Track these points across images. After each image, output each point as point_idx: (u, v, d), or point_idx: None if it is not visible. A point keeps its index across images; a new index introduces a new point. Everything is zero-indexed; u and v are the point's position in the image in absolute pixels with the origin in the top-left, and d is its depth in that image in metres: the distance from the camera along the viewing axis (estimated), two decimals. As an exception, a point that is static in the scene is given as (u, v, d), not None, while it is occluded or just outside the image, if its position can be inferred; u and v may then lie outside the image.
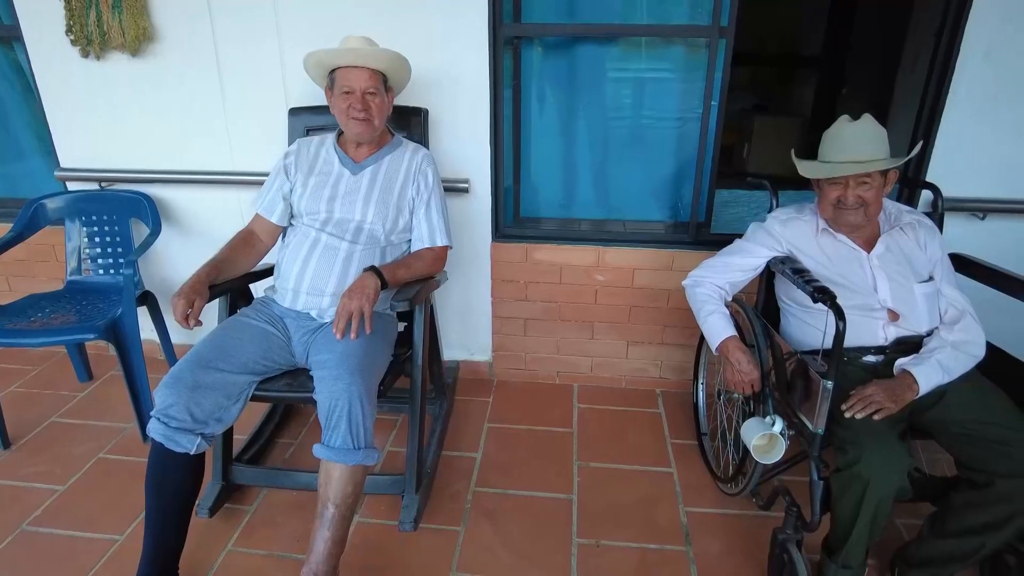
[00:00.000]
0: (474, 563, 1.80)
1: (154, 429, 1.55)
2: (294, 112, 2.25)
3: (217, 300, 1.86)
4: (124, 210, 2.53)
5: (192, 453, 1.56)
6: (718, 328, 1.77)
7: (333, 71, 1.87)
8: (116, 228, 2.53)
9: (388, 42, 1.91)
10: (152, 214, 2.49)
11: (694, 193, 2.38)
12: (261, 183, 2.00)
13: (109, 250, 2.53)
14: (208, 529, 1.90)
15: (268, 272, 2.03)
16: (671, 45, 2.33)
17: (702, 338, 2.28)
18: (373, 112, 1.86)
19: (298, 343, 1.82)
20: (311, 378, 1.68)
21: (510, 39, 2.29)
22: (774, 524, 1.69)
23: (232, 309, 1.94)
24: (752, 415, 1.75)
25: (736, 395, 1.93)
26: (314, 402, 1.62)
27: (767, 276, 1.94)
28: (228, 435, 2.01)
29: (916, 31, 2.69)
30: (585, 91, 2.44)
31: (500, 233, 2.50)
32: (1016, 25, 2.04)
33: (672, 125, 2.45)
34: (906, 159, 1.61)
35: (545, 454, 2.26)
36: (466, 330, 2.68)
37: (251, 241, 1.96)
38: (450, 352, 2.71)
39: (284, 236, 2.00)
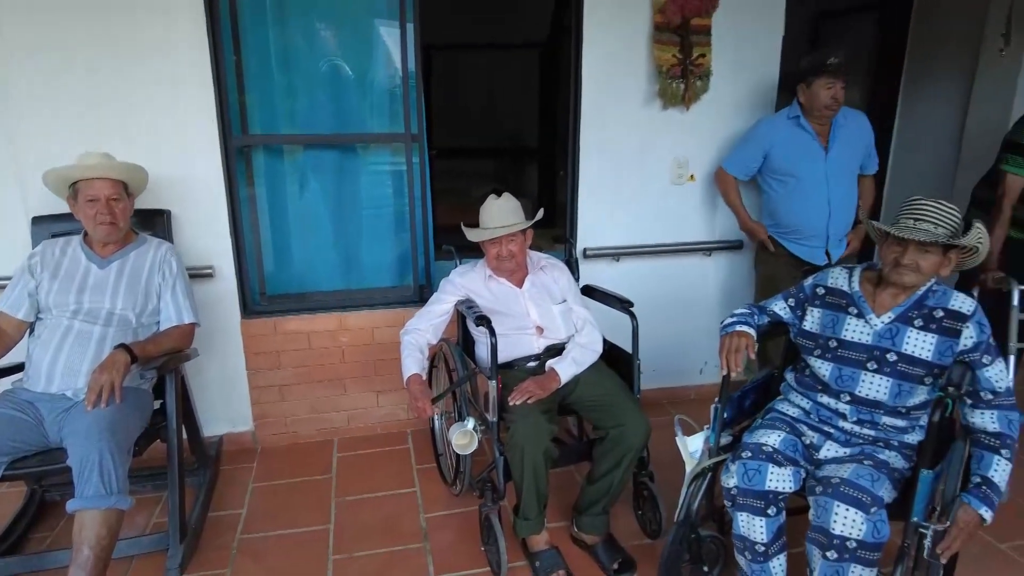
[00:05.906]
0: (240, 594, 2.06)
1: None
2: (37, 221, 2.42)
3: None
4: None
5: None
6: (407, 368, 2.23)
7: (75, 183, 2.14)
8: None
9: (128, 152, 2.24)
10: None
11: (414, 262, 2.95)
12: (3, 287, 2.18)
13: None
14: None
15: (14, 369, 2.17)
16: (388, 145, 2.92)
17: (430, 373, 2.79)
18: (118, 216, 2.16)
19: (52, 423, 1.98)
20: (64, 452, 1.85)
21: (241, 147, 2.72)
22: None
23: (-23, 403, 2.04)
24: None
25: (452, 414, 2.45)
26: (69, 470, 1.79)
27: (461, 318, 2.51)
28: (-26, 531, 2.05)
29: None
30: (321, 184, 2.95)
31: (249, 311, 2.83)
32: (606, 123, 2.92)
33: (393, 211, 3.04)
34: (532, 222, 2.28)
35: (306, 499, 2.56)
36: (226, 404, 2.90)
37: None
38: (215, 426, 2.91)
39: (32, 330, 2.17)
